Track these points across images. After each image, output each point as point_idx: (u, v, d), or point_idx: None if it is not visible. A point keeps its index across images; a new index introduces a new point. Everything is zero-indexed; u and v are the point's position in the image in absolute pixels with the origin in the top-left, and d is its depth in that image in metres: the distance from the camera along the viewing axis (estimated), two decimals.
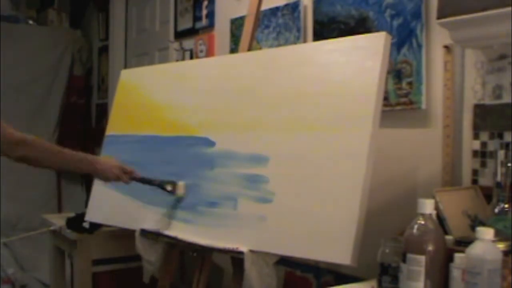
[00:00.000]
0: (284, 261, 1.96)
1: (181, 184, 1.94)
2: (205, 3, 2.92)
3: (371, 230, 1.53)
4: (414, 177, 1.86)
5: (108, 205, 2.22)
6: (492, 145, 1.62)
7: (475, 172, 1.68)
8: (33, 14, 4.57)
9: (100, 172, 1.93)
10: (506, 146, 1.56)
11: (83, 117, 4.55)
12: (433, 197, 1.46)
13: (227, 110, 1.90)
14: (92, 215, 2.28)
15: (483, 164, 1.66)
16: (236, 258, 1.72)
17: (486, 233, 1.18)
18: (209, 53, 2.85)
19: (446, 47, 1.74)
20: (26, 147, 1.74)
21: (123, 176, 1.94)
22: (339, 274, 2.02)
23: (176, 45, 3.12)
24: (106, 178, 1.94)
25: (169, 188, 1.94)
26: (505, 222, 1.34)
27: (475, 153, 1.68)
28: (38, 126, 4.28)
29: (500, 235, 1.26)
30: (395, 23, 1.89)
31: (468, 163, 1.70)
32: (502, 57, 1.62)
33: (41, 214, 2.83)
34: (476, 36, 1.54)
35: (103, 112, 4.23)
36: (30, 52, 4.18)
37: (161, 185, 1.95)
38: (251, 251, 1.65)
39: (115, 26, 4.07)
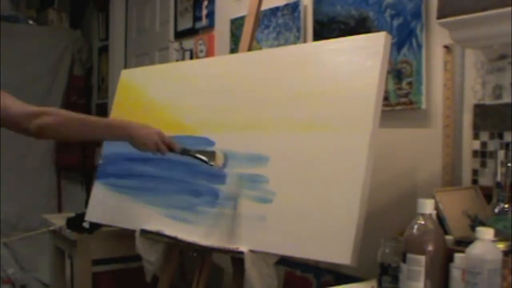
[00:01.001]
0: (284, 261, 1.96)
1: (219, 154, 1.82)
2: (205, 3, 2.92)
3: (371, 230, 1.53)
4: (414, 177, 1.86)
5: (108, 205, 2.22)
6: (492, 145, 1.62)
7: (475, 172, 1.68)
8: (33, 14, 4.57)
9: (136, 138, 1.70)
10: (506, 146, 1.56)
11: None
12: (433, 197, 1.46)
13: (227, 110, 1.90)
14: (92, 215, 2.28)
15: (483, 164, 1.66)
16: (236, 258, 1.72)
17: (486, 233, 1.18)
18: (209, 53, 2.85)
19: (446, 47, 1.74)
20: (46, 116, 1.59)
21: (162, 147, 1.72)
22: (339, 274, 2.02)
23: (176, 45, 3.12)
24: (144, 145, 1.72)
25: (205, 158, 1.80)
26: (505, 222, 1.34)
27: (475, 153, 1.68)
28: None
29: (500, 235, 1.26)
30: (395, 23, 1.89)
31: (468, 163, 1.70)
32: (502, 57, 1.62)
33: (41, 214, 2.83)
34: (476, 36, 1.54)
35: (103, 112, 4.22)
36: (30, 52, 4.17)
37: (197, 156, 1.80)
38: (251, 251, 1.65)
39: (115, 26, 4.07)
